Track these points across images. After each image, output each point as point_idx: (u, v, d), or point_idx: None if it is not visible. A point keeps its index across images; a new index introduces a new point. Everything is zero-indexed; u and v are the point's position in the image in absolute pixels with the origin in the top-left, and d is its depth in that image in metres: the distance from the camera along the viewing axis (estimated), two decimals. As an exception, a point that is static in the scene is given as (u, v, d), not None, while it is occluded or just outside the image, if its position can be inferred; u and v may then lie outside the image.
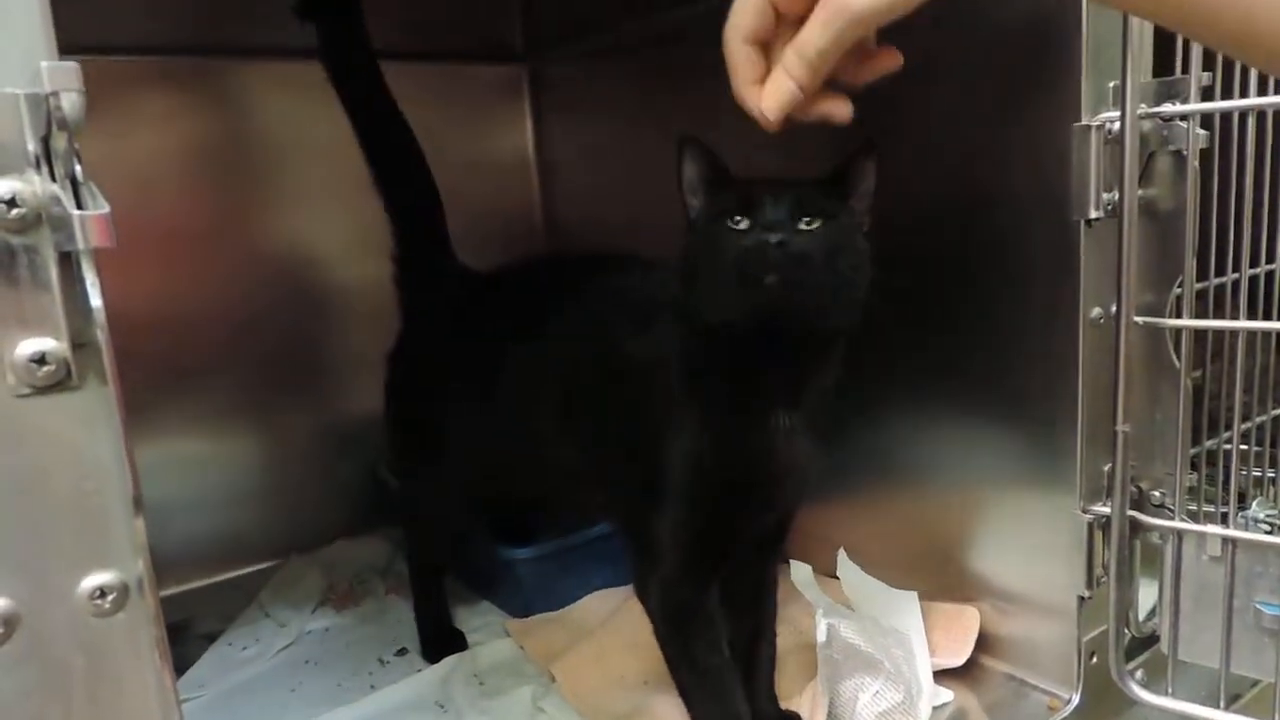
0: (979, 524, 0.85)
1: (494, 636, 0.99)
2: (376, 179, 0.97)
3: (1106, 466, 0.74)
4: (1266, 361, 0.75)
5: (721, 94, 0.59)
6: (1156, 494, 0.75)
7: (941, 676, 0.82)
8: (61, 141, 0.34)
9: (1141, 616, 0.79)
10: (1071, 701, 0.78)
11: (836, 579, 0.93)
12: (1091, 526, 0.75)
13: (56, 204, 0.34)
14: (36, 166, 0.35)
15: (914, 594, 0.86)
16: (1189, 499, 0.74)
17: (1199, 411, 0.74)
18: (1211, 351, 0.74)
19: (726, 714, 0.71)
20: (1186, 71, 0.67)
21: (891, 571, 0.90)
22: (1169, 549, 0.74)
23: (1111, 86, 0.69)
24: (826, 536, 0.93)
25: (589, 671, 0.89)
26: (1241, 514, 0.73)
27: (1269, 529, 0.72)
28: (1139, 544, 0.76)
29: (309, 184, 1.21)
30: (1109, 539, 0.75)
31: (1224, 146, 0.70)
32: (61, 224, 0.34)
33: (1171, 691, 0.75)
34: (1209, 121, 0.69)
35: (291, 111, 1.20)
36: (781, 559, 0.84)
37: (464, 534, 1.05)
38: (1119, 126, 0.68)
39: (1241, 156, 0.69)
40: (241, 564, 1.19)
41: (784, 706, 0.79)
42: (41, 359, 0.36)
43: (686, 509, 0.70)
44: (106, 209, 0.34)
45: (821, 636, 0.79)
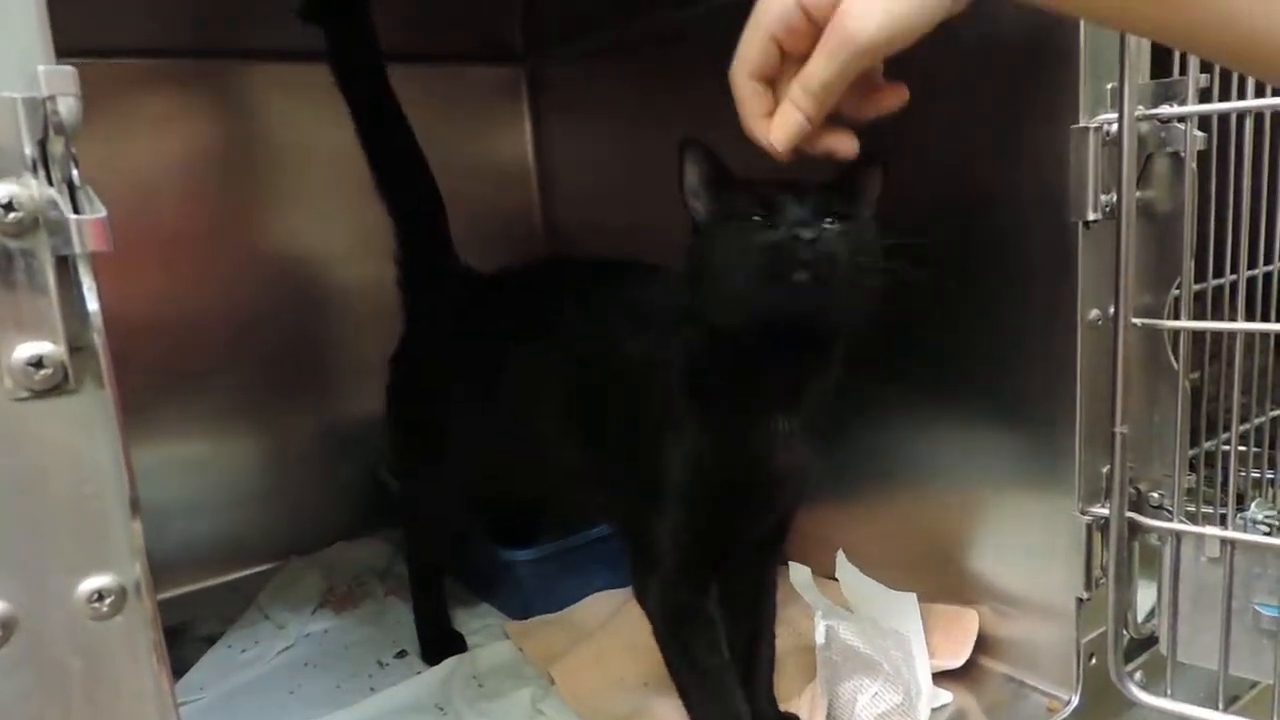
0: (978, 525, 0.85)
1: (493, 638, 0.99)
2: (379, 182, 0.97)
3: (1105, 468, 0.74)
4: (1265, 363, 0.75)
5: (722, 95, 0.59)
6: (1155, 495, 0.75)
7: (940, 678, 0.82)
8: (59, 146, 0.34)
9: (1140, 618, 0.79)
10: (1071, 703, 0.78)
11: (835, 581, 0.93)
12: (1090, 528, 0.75)
13: (53, 208, 0.34)
14: (33, 170, 0.35)
15: (913, 595, 0.86)
16: (1187, 500, 0.74)
17: (1197, 413, 0.74)
18: (1210, 353, 0.74)
19: (726, 715, 0.71)
20: (1184, 73, 0.67)
21: (890, 573, 0.90)
22: (1168, 550, 0.74)
23: (1109, 88, 0.69)
24: (825, 538, 0.93)
25: (588, 673, 0.89)
26: (1240, 515, 0.73)
27: (1267, 530, 0.72)
28: (1138, 545, 0.76)
29: (309, 186, 1.22)
30: (1108, 540, 0.75)
31: (1222, 148, 0.70)
32: (58, 228, 0.34)
33: (1170, 693, 0.75)
34: (1207, 123, 0.69)
35: (292, 114, 1.20)
36: (780, 561, 0.84)
37: (464, 535, 1.05)
38: (1117, 128, 0.68)
39: (1239, 158, 0.69)
40: (241, 566, 1.19)
41: (783, 708, 0.79)
42: (39, 362, 0.36)
43: (686, 510, 0.70)
44: (103, 213, 0.34)
45: (820, 638, 0.80)
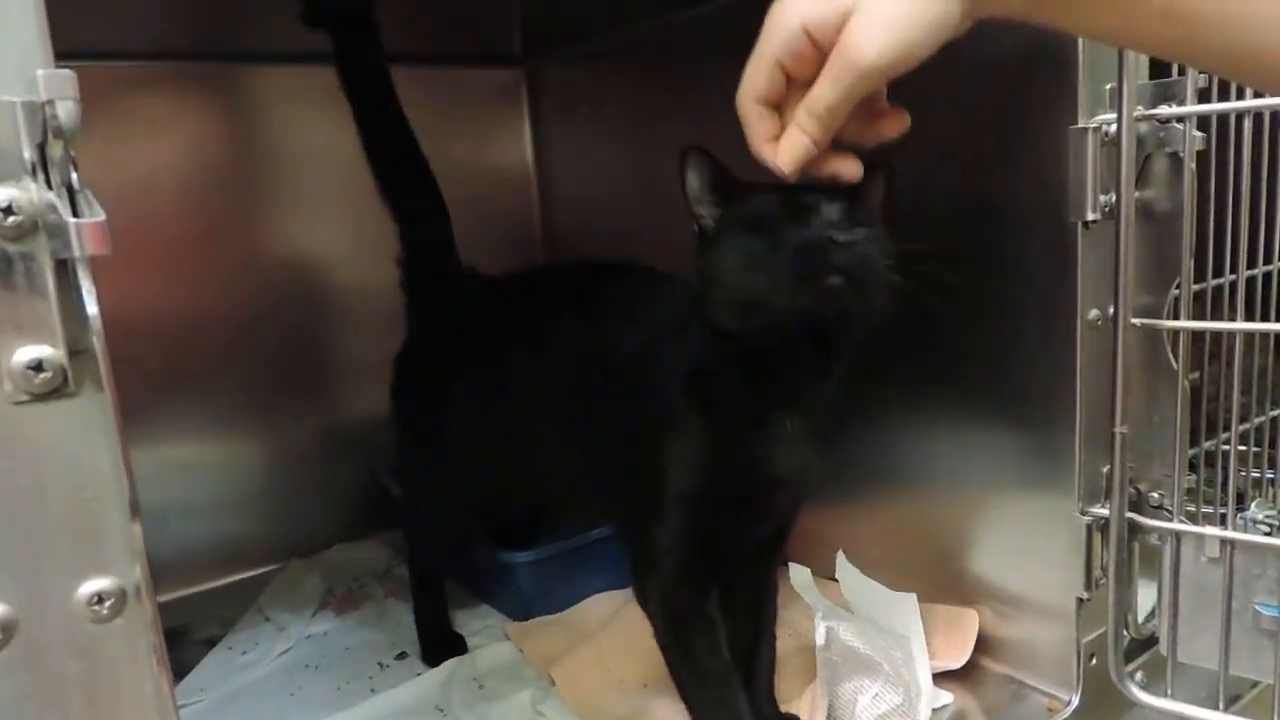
0: (978, 526, 0.85)
1: (493, 640, 0.99)
2: (381, 185, 0.97)
3: (1105, 468, 0.74)
4: (1264, 363, 0.75)
5: (722, 96, 0.59)
6: (1155, 495, 0.75)
7: (941, 678, 0.82)
8: (58, 149, 0.34)
9: (1140, 618, 0.79)
10: (1071, 703, 0.78)
11: (835, 581, 0.93)
12: (1090, 528, 0.75)
13: (52, 211, 0.34)
14: (33, 174, 0.35)
15: (913, 596, 0.86)
16: (1187, 500, 0.74)
17: (1197, 413, 0.74)
18: (1209, 353, 0.74)
19: (727, 716, 0.71)
20: (1183, 74, 0.67)
21: (890, 574, 0.90)
22: (1168, 550, 0.74)
23: (1108, 89, 0.69)
24: (825, 539, 0.93)
25: (588, 675, 0.89)
26: (1240, 515, 0.73)
27: (1267, 530, 0.72)
28: (1138, 546, 0.76)
29: (309, 188, 1.22)
30: (1108, 541, 0.75)
31: (1220, 148, 0.70)
32: (57, 231, 0.34)
33: (1171, 693, 0.75)
34: (1205, 123, 0.69)
35: (292, 116, 1.20)
36: (781, 562, 0.84)
37: (464, 537, 1.05)
38: (1116, 129, 0.68)
39: (1238, 158, 0.69)
40: (241, 568, 1.19)
41: (783, 709, 0.79)
42: (38, 366, 0.36)
43: (687, 513, 0.70)
44: (102, 217, 0.34)
45: (820, 639, 0.79)
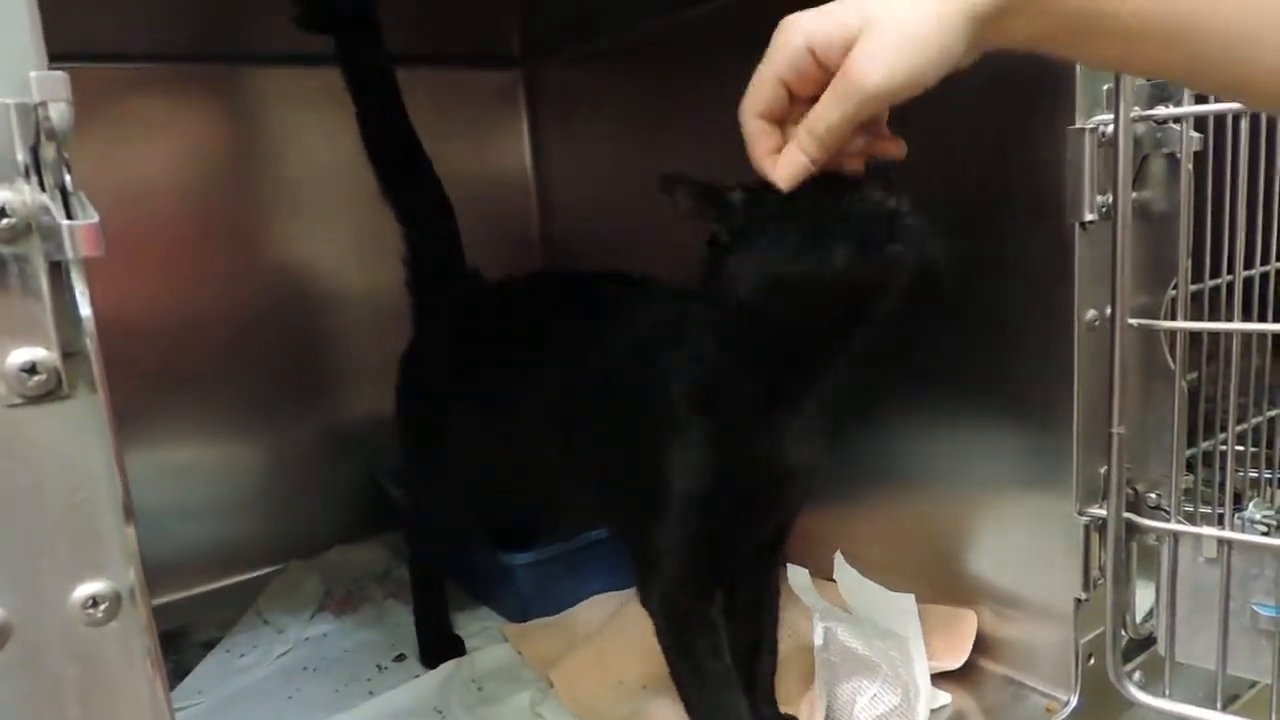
0: (976, 527, 0.85)
1: (492, 641, 0.99)
2: (385, 186, 0.96)
3: (1102, 469, 0.74)
4: (1261, 363, 0.75)
5: (721, 97, 0.59)
6: (1153, 496, 0.75)
7: (939, 679, 0.82)
8: (51, 151, 0.34)
9: (1139, 618, 0.79)
10: (1069, 703, 0.78)
11: (834, 582, 0.93)
12: (1088, 529, 0.75)
13: (46, 214, 0.34)
14: (26, 176, 0.34)
15: (911, 597, 0.86)
16: (1185, 501, 0.74)
17: (1194, 413, 0.74)
18: (1207, 353, 0.74)
19: (728, 719, 0.71)
20: (1179, 74, 0.67)
21: (889, 575, 0.90)
22: (1165, 551, 0.74)
23: (1105, 89, 0.69)
24: (824, 540, 0.93)
25: (587, 676, 0.89)
26: (1238, 515, 0.73)
27: (1265, 530, 0.72)
28: (1135, 546, 0.76)
29: (309, 190, 1.22)
30: (1105, 541, 0.75)
31: (1217, 149, 0.70)
32: (51, 233, 0.34)
33: (1169, 693, 0.75)
34: (1202, 124, 0.70)
35: (292, 117, 1.20)
36: (781, 563, 0.84)
37: (465, 538, 1.05)
38: (1113, 129, 0.68)
39: (1235, 158, 0.69)
40: (239, 570, 1.19)
41: (782, 710, 0.79)
42: (32, 368, 0.36)
43: (692, 513, 0.69)
44: (95, 219, 0.34)
45: (819, 640, 0.80)
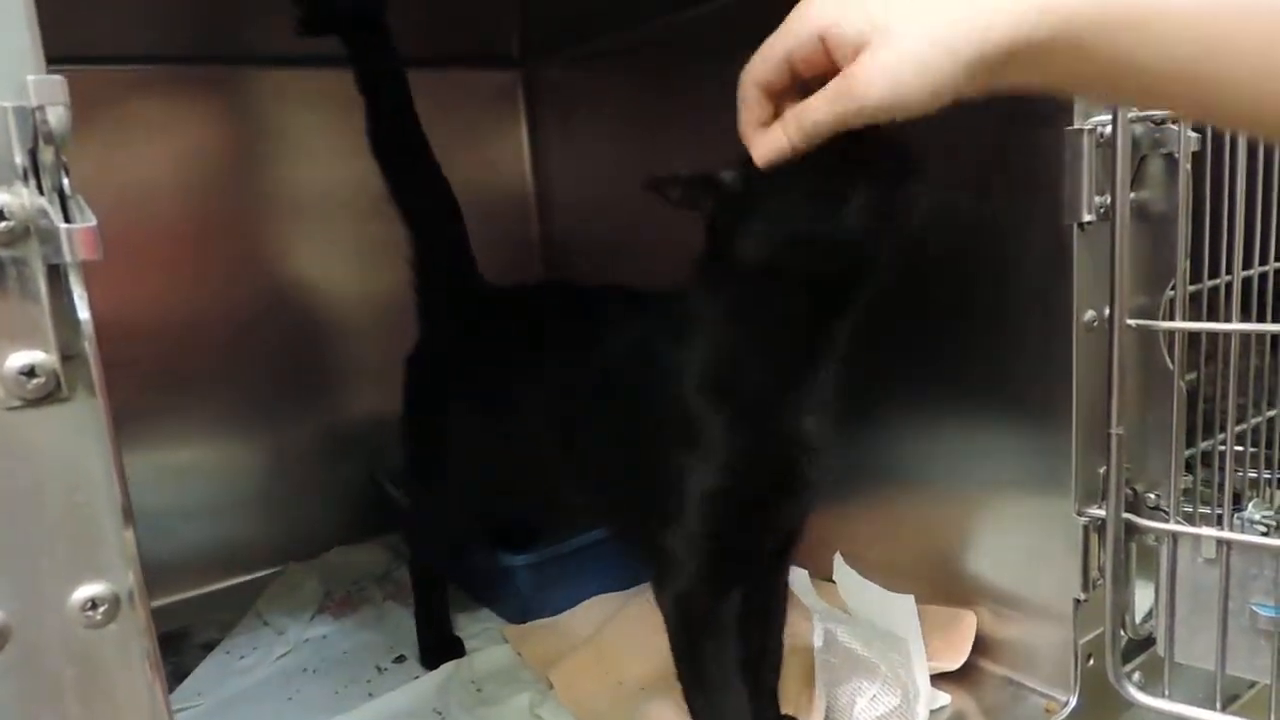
0: (975, 528, 0.85)
1: (491, 643, 0.99)
2: (393, 190, 0.95)
3: (1101, 469, 0.74)
4: (1260, 363, 0.75)
5: (721, 98, 0.59)
6: (1152, 496, 0.75)
7: (938, 680, 0.82)
8: (49, 154, 0.34)
9: (1138, 619, 0.79)
10: (1069, 704, 0.78)
11: (833, 583, 0.93)
12: (1087, 529, 0.75)
13: (44, 217, 0.34)
14: (24, 179, 0.35)
15: (910, 598, 0.86)
16: (1184, 501, 0.74)
17: (1193, 414, 0.75)
18: (1205, 354, 0.74)
19: None
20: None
21: (887, 575, 0.90)
22: (1164, 551, 0.74)
23: (1103, 90, 0.69)
24: (823, 541, 0.93)
25: (586, 677, 0.89)
26: (1237, 515, 0.73)
27: (1264, 530, 0.72)
28: (1135, 546, 0.76)
29: (309, 191, 1.22)
30: (1104, 542, 0.75)
31: (1215, 149, 0.70)
32: (49, 237, 0.34)
33: (1168, 693, 0.75)
34: (1202, 126, 0.69)
35: (292, 119, 1.20)
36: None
37: (464, 540, 1.05)
38: (1111, 130, 0.68)
39: (1233, 159, 0.69)
40: (239, 572, 1.19)
41: (782, 711, 0.79)
42: (31, 371, 0.36)
43: (715, 508, 0.68)
44: (93, 222, 0.34)
45: (819, 641, 0.80)
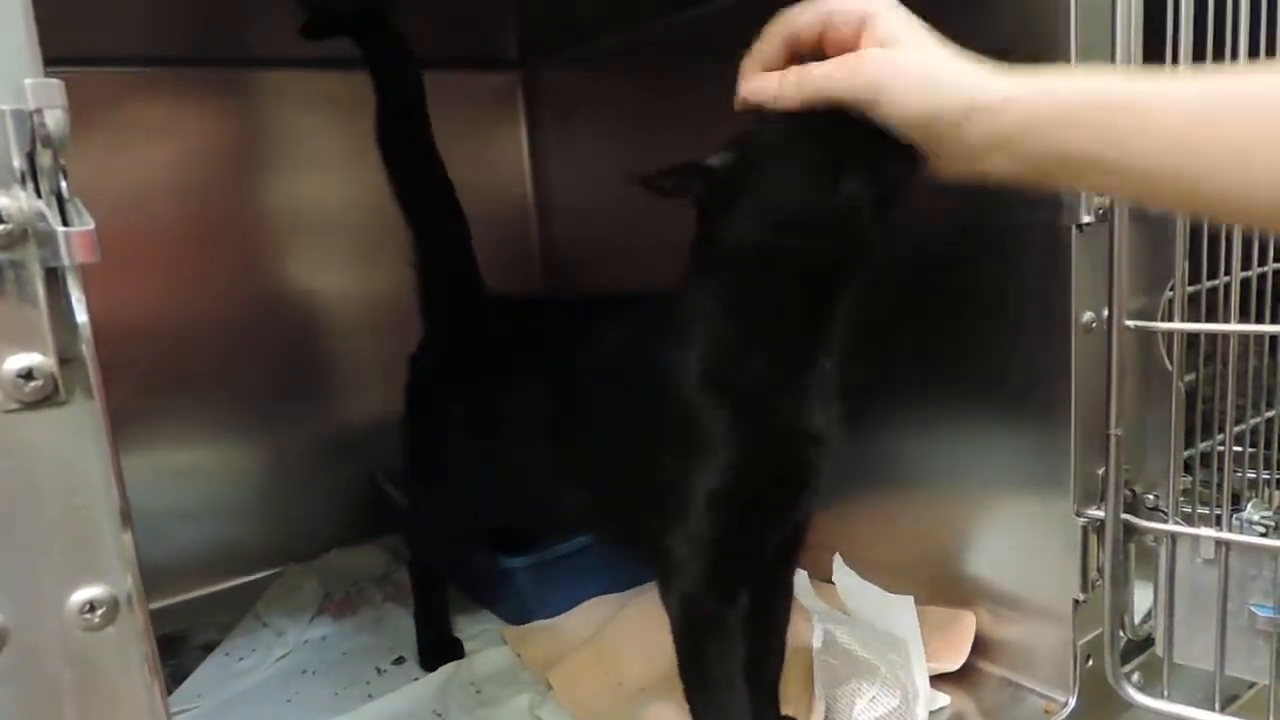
0: (974, 528, 0.85)
1: (491, 644, 0.99)
2: (398, 191, 0.95)
3: (1100, 470, 0.74)
4: (1259, 364, 0.75)
5: (721, 99, 0.59)
6: (1151, 497, 0.75)
7: (938, 681, 0.82)
8: (46, 158, 0.34)
9: (1137, 619, 0.79)
10: (1068, 705, 0.78)
11: (833, 584, 0.93)
12: (1086, 530, 0.75)
13: (41, 220, 0.34)
14: (22, 182, 0.35)
15: (910, 599, 0.86)
16: (1183, 502, 0.74)
17: (1192, 414, 0.75)
18: (1204, 354, 0.74)
19: None
20: (1175, 75, 0.67)
21: (887, 576, 0.90)
22: (1163, 552, 0.74)
23: (1101, 91, 0.69)
24: (822, 542, 0.93)
25: (586, 679, 0.89)
26: (1236, 516, 0.73)
27: (1263, 531, 0.72)
28: (1133, 547, 0.76)
29: (309, 193, 1.22)
30: (1103, 542, 0.75)
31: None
32: (47, 240, 0.34)
33: (1167, 694, 0.75)
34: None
35: (292, 121, 1.21)
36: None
37: (464, 541, 1.05)
38: (1109, 131, 0.68)
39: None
40: (238, 573, 1.19)
41: (781, 711, 0.79)
42: (29, 374, 0.36)
43: (721, 506, 0.67)
44: (91, 225, 0.34)
45: (818, 642, 0.80)
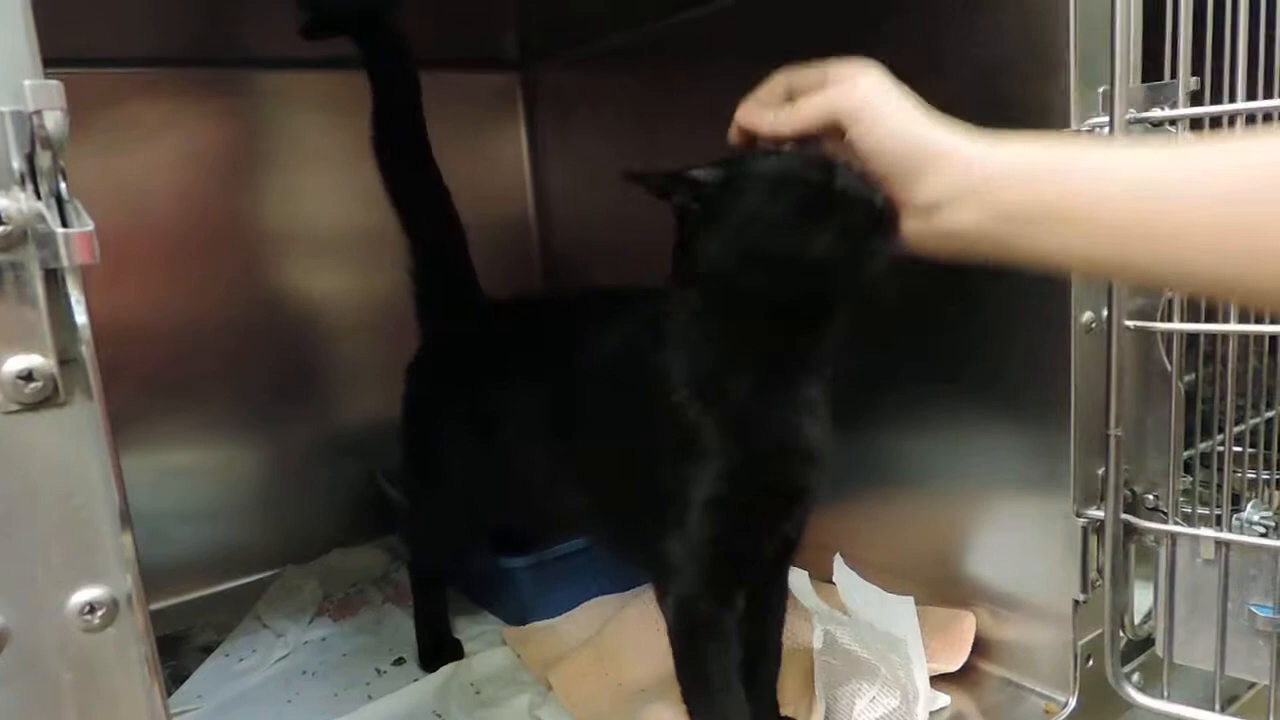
0: (974, 529, 0.85)
1: (491, 645, 0.99)
2: (392, 195, 0.96)
3: (1100, 470, 0.74)
4: (1259, 364, 0.75)
5: (720, 100, 0.59)
6: (1150, 497, 0.75)
7: (938, 681, 0.82)
8: (46, 159, 0.34)
9: (1137, 620, 0.79)
10: (1068, 705, 0.78)
11: (833, 584, 0.93)
12: (1086, 530, 0.75)
13: (41, 221, 0.34)
14: (21, 184, 0.35)
15: (910, 599, 0.86)
16: (1183, 502, 0.74)
17: (1192, 415, 0.75)
18: (1204, 355, 0.74)
19: None
20: (1175, 76, 0.67)
21: (887, 576, 0.90)
22: (1163, 552, 0.74)
23: (1101, 92, 0.69)
24: (823, 542, 0.93)
25: (585, 679, 0.89)
26: (1235, 516, 0.73)
27: (1263, 531, 0.72)
28: (1133, 547, 0.76)
29: (309, 194, 1.22)
30: (1103, 543, 0.75)
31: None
32: (46, 241, 0.34)
33: (1167, 694, 0.75)
34: (1198, 126, 0.69)
35: (292, 122, 1.21)
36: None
37: (463, 542, 1.04)
38: (1109, 132, 0.68)
39: (1231, 160, 0.69)
40: (238, 574, 1.19)
41: (781, 712, 0.79)
42: (28, 376, 0.36)
43: (713, 512, 0.67)
44: (90, 226, 0.34)
45: (818, 642, 0.80)
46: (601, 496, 0.79)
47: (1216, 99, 0.68)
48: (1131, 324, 0.71)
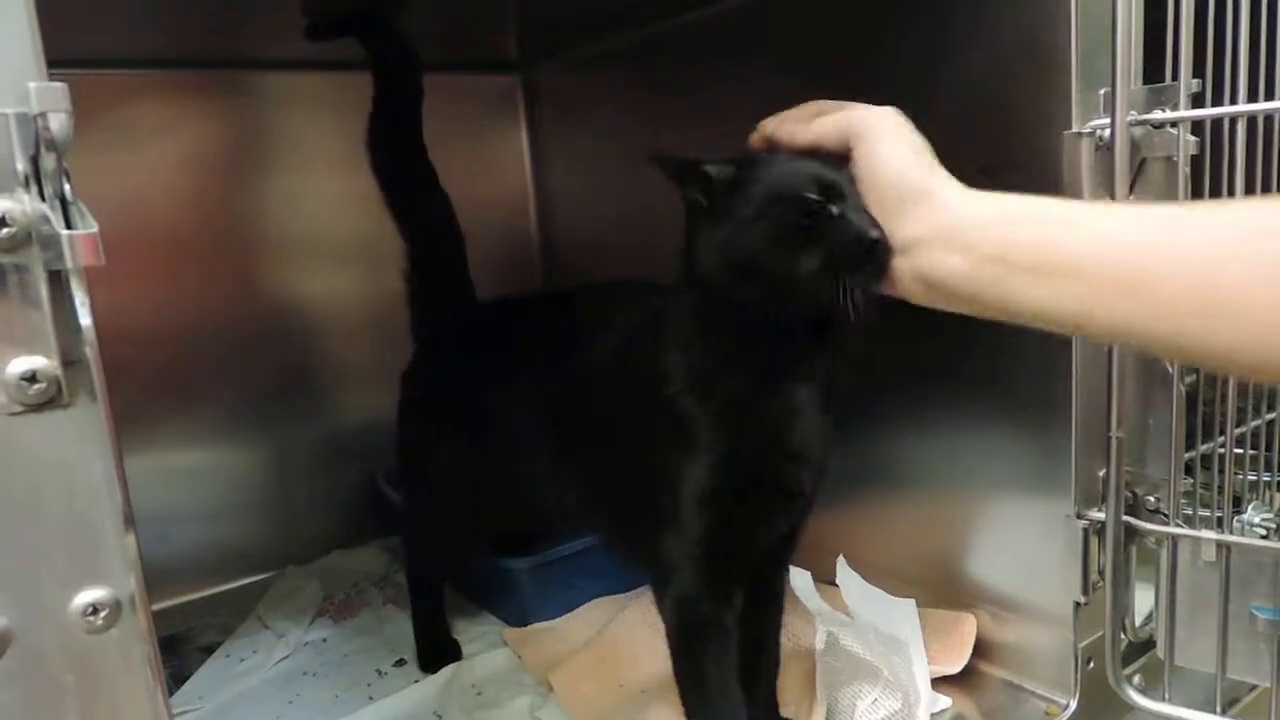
0: (975, 531, 0.85)
1: (491, 646, 0.99)
2: (389, 201, 0.96)
3: (1101, 472, 0.74)
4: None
5: (721, 100, 0.60)
6: (1152, 499, 0.75)
7: (939, 683, 0.82)
8: (50, 161, 0.35)
9: (1138, 622, 0.79)
10: (1069, 707, 0.78)
11: (835, 586, 0.93)
12: (1087, 532, 0.75)
13: (45, 223, 0.34)
14: (25, 186, 0.35)
15: (911, 601, 0.86)
16: (1184, 504, 0.74)
17: (1193, 416, 0.74)
18: (1205, 356, 0.74)
19: None
20: (1176, 78, 0.67)
21: (888, 578, 0.90)
22: (1164, 554, 0.74)
23: (1102, 94, 0.69)
24: (824, 544, 0.93)
25: (586, 680, 0.89)
26: (1237, 518, 0.73)
27: (1264, 533, 0.72)
28: (1134, 549, 0.76)
29: (310, 195, 1.22)
30: (1104, 544, 0.75)
31: (1215, 152, 0.70)
32: (50, 243, 0.34)
33: (1168, 696, 0.75)
34: (1199, 128, 0.69)
35: (293, 123, 1.21)
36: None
37: (463, 544, 1.04)
38: (1110, 134, 0.68)
39: (1232, 162, 0.69)
40: (239, 575, 1.19)
41: (781, 713, 0.79)
42: (32, 377, 0.36)
43: (708, 512, 0.67)
44: (94, 228, 0.34)
45: (820, 644, 0.80)
46: (597, 496, 0.79)
47: (1218, 101, 0.68)
48: (1133, 326, 0.71)
